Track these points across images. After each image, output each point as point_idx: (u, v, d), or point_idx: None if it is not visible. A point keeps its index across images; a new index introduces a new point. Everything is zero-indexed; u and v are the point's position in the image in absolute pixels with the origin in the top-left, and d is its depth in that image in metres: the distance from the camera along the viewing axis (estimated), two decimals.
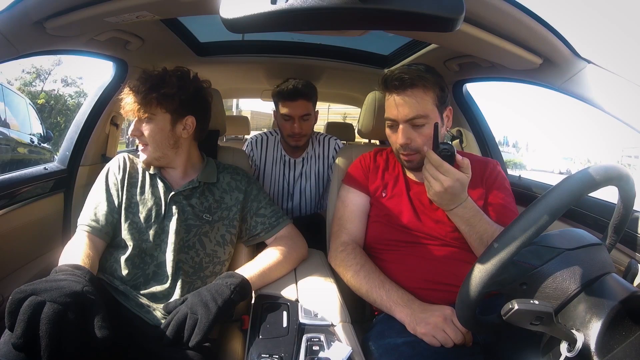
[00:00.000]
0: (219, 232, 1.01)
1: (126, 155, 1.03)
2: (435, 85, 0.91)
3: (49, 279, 0.69)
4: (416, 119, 0.90)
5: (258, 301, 0.84)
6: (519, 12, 0.77)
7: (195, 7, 0.88)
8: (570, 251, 0.56)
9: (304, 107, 1.47)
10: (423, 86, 0.90)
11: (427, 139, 0.90)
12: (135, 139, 0.97)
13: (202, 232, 0.98)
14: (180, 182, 1.01)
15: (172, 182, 1.00)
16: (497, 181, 0.99)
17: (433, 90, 0.91)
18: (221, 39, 1.64)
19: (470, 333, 0.76)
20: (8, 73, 11.74)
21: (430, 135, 0.88)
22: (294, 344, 0.69)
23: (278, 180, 1.62)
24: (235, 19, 0.47)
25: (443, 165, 0.79)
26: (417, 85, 0.90)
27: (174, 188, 0.99)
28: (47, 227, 1.26)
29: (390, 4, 0.46)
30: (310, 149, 1.62)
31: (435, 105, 0.92)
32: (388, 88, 0.94)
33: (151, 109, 0.93)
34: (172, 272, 0.92)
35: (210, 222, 0.99)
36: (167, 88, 0.93)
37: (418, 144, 0.92)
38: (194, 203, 0.99)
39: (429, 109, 0.90)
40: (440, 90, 0.93)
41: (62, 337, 0.61)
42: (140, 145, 0.96)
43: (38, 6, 0.80)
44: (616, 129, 23.62)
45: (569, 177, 0.55)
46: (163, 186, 0.98)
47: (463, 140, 1.65)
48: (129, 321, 0.85)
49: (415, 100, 0.90)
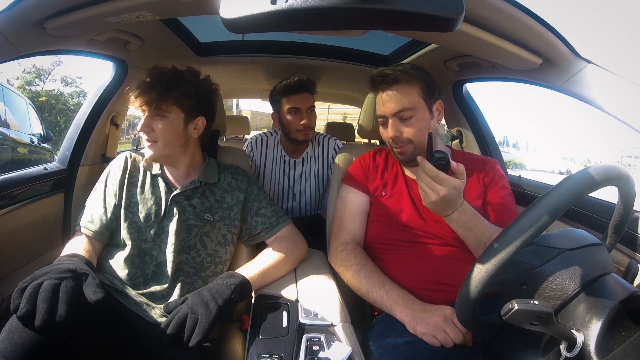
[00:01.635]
0: (220, 232, 1.01)
1: (128, 154, 1.03)
2: (419, 79, 0.95)
3: (48, 267, 0.75)
4: (403, 112, 0.94)
5: (258, 301, 0.84)
6: (519, 12, 0.77)
7: (195, 7, 0.88)
8: (570, 251, 0.56)
9: (310, 100, 1.51)
10: (406, 80, 0.94)
11: (417, 131, 0.95)
12: (143, 135, 0.96)
13: (203, 232, 0.98)
14: (182, 182, 1.01)
15: (173, 182, 1.00)
16: (496, 180, 0.99)
17: (417, 84, 0.95)
18: (221, 39, 1.65)
19: (470, 333, 0.76)
20: (8, 73, 11.75)
21: (419, 127, 0.94)
22: (294, 344, 0.69)
23: (278, 180, 1.62)
24: (235, 19, 0.47)
25: (439, 175, 0.79)
26: (401, 80, 0.94)
27: (175, 188, 0.99)
28: (47, 227, 1.26)
29: (390, 4, 0.46)
30: (309, 149, 1.63)
31: (421, 98, 0.95)
32: (375, 87, 0.98)
33: (167, 106, 0.93)
34: (172, 272, 0.92)
35: (211, 222, 0.99)
36: (186, 87, 0.94)
37: (408, 136, 0.95)
38: (195, 203, 0.99)
39: (415, 101, 0.94)
40: (425, 84, 0.96)
41: (57, 303, 0.68)
42: (148, 141, 0.96)
43: (38, 6, 0.80)
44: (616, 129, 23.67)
45: (569, 177, 0.55)
46: (164, 186, 0.98)
47: (463, 140, 1.65)
48: (128, 321, 0.85)
49: (400, 94, 0.94)
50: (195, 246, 0.97)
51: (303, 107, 1.49)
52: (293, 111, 1.50)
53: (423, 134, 0.95)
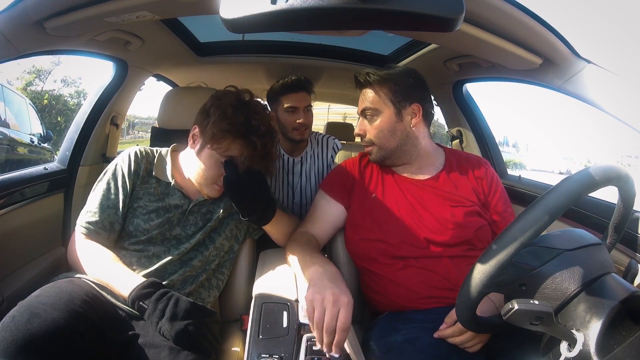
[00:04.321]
0: (228, 227, 1.02)
1: (138, 149, 0.98)
2: (391, 82, 0.97)
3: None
4: (366, 111, 1.00)
5: (258, 301, 0.84)
6: (519, 12, 0.77)
7: (195, 7, 0.88)
8: (569, 252, 0.56)
9: (307, 99, 1.52)
10: (377, 82, 0.98)
11: (377, 131, 0.98)
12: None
13: (212, 229, 0.98)
14: (195, 193, 0.99)
15: (189, 193, 0.99)
16: (493, 187, 0.99)
17: (387, 86, 0.97)
18: (221, 39, 1.64)
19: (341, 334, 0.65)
20: (8, 73, 11.74)
21: (380, 128, 0.98)
22: (294, 344, 0.69)
23: (277, 178, 1.63)
24: (235, 19, 0.48)
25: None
26: (371, 82, 0.99)
27: (190, 198, 0.98)
28: (47, 227, 1.26)
29: (390, 4, 0.46)
30: (309, 149, 1.63)
31: (389, 100, 0.97)
32: (357, 87, 1.05)
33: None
34: (177, 268, 0.92)
35: (221, 219, 1.00)
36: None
37: (370, 136, 1.00)
38: (207, 206, 0.99)
39: (379, 103, 0.98)
40: (399, 86, 0.97)
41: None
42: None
43: (38, 6, 0.80)
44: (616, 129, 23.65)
45: (569, 177, 0.55)
46: (180, 196, 0.97)
47: (463, 141, 1.65)
48: (127, 321, 0.85)
49: (367, 96, 1.00)
50: (204, 242, 0.97)
51: (300, 106, 1.50)
52: (290, 110, 1.51)
53: (385, 135, 0.97)
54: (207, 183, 0.95)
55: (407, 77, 0.99)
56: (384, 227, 0.94)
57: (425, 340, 0.76)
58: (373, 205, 0.99)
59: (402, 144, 0.98)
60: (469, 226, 0.91)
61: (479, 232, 0.92)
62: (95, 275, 0.87)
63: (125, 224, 0.93)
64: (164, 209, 0.94)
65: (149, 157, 0.99)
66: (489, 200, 0.98)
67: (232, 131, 0.90)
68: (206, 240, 0.98)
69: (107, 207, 0.92)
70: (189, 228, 0.96)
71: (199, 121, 0.96)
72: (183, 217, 0.96)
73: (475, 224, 0.92)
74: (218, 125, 0.90)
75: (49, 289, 0.77)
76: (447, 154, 1.06)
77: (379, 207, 0.98)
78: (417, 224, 0.93)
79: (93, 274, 0.87)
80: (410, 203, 0.96)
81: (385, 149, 0.98)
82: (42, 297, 0.72)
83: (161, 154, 1.01)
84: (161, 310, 0.77)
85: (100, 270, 0.87)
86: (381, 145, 0.98)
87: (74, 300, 0.74)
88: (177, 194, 0.97)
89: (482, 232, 0.92)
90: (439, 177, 1.00)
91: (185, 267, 0.93)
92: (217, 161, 0.92)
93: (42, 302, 0.70)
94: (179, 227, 0.95)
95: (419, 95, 0.99)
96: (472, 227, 0.91)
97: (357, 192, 1.02)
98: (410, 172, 1.01)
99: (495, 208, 0.97)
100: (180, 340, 0.75)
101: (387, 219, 0.95)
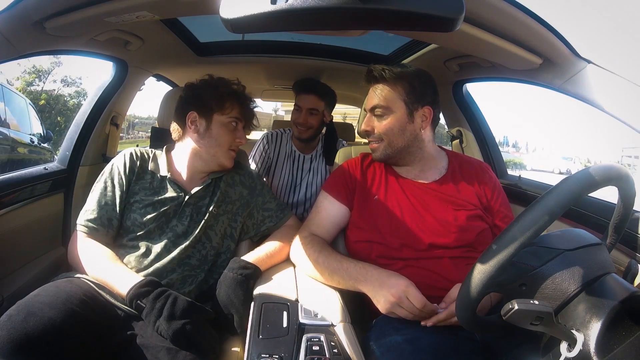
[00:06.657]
0: (223, 226, 1.03)
1: (133, 150, 1.03)
2: (405, 82, 0.95)
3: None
4: (376, 109, 0.97)
5: (258, 301, 0.84)
6: (519, 12, 0.77)
7: (195, 7, 0.88)
8: (569, 252, 0.56)
9: (313, 102, 1.57)
10: (392, 79, 0.95)
11: (387, 128, 0.96)
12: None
13: (208, 226, 0.99)
14: (191, 183, 1.02)
15: (184, 184, 1.01)
16: (496, 193, 1.00)
17: (401, 85, 0.95)
18: (221, 39, 1.65)
19: (430, 307, 0.79)
20: (8, 73, 11.74)
21: (390, 126, 0.95)
22: (294, 344, 0.69)
23: (286, 173, 1.69)
24: (235, 19, 0.47)
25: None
26: (386, 79, 0.96)
27: (186, 190, 1.00)
28: (47, 227, 1.26)
29: (390, 4, 0.46)
30: (319, 148, 1.71)
31: (402, 100, 0.95)
32: (367, 82, 1.01)
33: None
34: (176, 266, 0.93)
35: (215, 216, 1.01)
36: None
37: (379, 131, 0.97)
38: (204, 200, 1.01)
39: (392, 101, 0.95)
40: (413, 87, 0.95)
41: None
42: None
43: (38, 6, 0.80)
44: (616, 129, 23.65)
45: (569, 177, 0.55)
46: (176, 188, 0.99)
47: (463, 141, 1.65)
48: (126, 321, 0.85)
49: (379, 92, 0.97)
50: (200, 239, 0.98)
51: (303, 107, 1.56)
52: (296, 107, 1.60)
53: (394, 133, 0.96)
54: (223, 151, 1.01)
55: (422, 78, 0.98)
56: (386, 230, 0.94)
57: (425, 340, 0.76)
58: (375, 207, 0.98)
59: (409, 145, 0.98)
60: (471, 229, 0.92)
61: (480, 236, 0.92)
62: (95, 274, 0.87)
63: (123, 220, 0.95)
64: (160, 203, 0.96)
65: (144, 157, 1.02)
66: (492, 205, 0.98)
67: (229, 93, 1.03)
68: (203, 238, 0.99)
69: (105, 204, 0.94)
70: (185, 219, 0.97)
71: (193, 105, 1.02)
72: (179, 209, 0.98)
73: (478, 228, 0.92)
74: (218, 92, 1.02)
75: (48, 289, 0.77)
76: (449, 158, 1.06)
77: (381, 209, 0.97)
78: (419, 226, 0.93)
79: (92, 272, 0.88)
80: (413, 205, 0.96)
81: (393, 146, 0.97)
82: (40, 297, 0.73)
83: (155, 153, 1.05)
84: (159, 309, 0.77)
85: (99, 269, 0.87)
86: (389, 142, 0.97)
87: (71, 300, 0.74)
88: (172, 187, 0.99)
89: (483, 236, 0.93)
90: (442, 180, 1.00)
91: (184, 266, 0.94)
92: (228, 124, 1.02)
93: (39, 301, 0.71)
94: (175, 219, 0.97)
95: (431, 98, 0.98)
96: (475, 230, 0.92)
97: (360, 193, 1.02)
98: (413, 174, 1.01)
99: (498, 213, 0.98)
100: (177, 339, 0.75)
101: (389, 221, 0.95)
